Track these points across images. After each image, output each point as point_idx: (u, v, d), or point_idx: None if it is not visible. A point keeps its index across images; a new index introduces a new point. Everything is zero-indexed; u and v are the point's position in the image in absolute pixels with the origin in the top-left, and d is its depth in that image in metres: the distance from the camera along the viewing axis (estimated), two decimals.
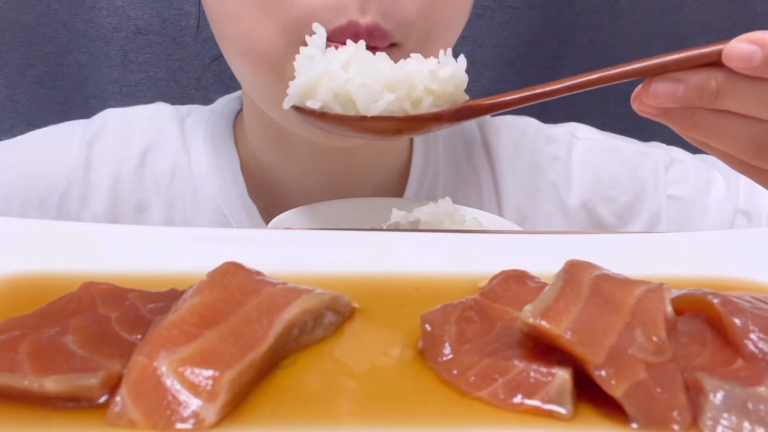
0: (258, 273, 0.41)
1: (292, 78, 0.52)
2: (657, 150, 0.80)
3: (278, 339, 0.36)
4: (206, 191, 0.75)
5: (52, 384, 0.32)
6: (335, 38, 0.58)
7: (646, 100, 0.48)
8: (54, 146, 0.76)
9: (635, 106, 0.50)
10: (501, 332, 0.37)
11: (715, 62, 0.46)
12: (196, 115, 0.80)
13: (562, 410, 0.33)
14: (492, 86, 1.07)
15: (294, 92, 0.52)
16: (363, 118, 0.49)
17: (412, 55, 0.51)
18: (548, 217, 0.79)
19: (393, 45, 0.60)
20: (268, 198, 0.77)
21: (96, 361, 0.34)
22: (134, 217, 0.76)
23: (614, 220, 0.78)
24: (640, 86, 0.49)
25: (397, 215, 0.62)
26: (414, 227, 0.60)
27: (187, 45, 1.04)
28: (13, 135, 0.79)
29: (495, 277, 0.43)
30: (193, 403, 0.32)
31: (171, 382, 0.32)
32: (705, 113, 0.48)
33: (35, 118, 1.06)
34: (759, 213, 0.76)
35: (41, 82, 1.06)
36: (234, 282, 0.39)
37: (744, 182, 0.77)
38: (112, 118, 0.78)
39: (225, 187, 0.76)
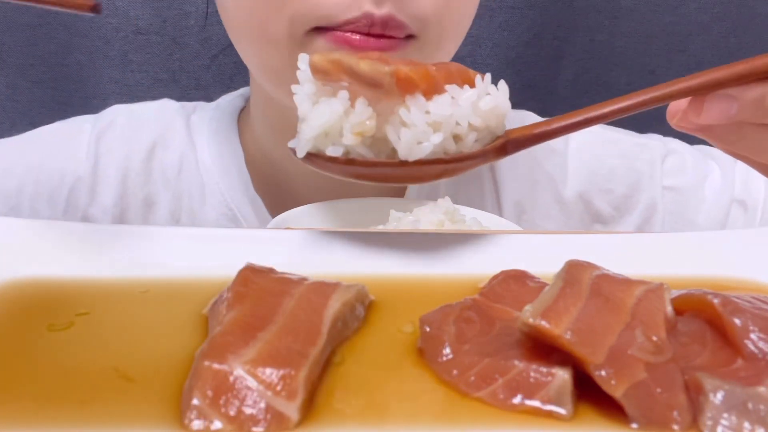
0: (272, 270, 0.41)
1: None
2: (654, 141, 0.81)
3: (330, 333, 0.36)
4: (212, 186, 0.76)
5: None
6: (349, 29, 0.58)
7: (695, 119, 0.46)
8: (63, 141, 0.77)
9: (674, 122, 0.48)
10: (501, 332, 0.37)
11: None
12: (200, 112, 0.81)
13: (562, 410, 0.33)
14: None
15: (308, 137, 0.45)
16: (404, 164, 0.44)
17: (446, 87, 0.44)
18: (546, 210, 0.79)
19: (410, 37, 0.61)
20: (274, 192, 0.78)
21: None
22: (142, 210, 0.76)
23: (611, 212, 0.79)
24: (683, 103, 0.46)
25: (397, 215, 0.62)
26: (414, 227, 0.60)
27: (187, 45, 1.04)
28: (14, 135, 0.79)
29: (495, 277, 0.43)
30: (276, 403, 0.32)
31: (249, 384, 0.32)
32: (751, 128, 0.46)
33: (35, 118, 1.06)
34: (755, 202, 0.77)
35: (41, 82, 1.06)
36: (258, 287, 0.39)
37: (740, 171, 0.78)
38: (119, 113, 0.79)
39: (230, 181, 0.77)
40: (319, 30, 0.60)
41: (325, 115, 0.44)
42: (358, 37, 0.59)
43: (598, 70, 1.07)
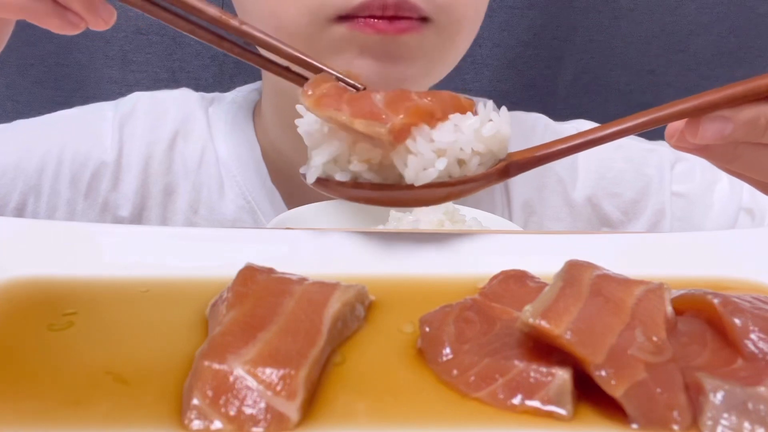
0: (272, 270, 0.41)
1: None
2: (663, 148, 0.81)
3: (330, 333, 0.36)
4: (230, 178, 0.77)
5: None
6: (363, 13, 0.59)
7: (692, 140, 0.47)
8: (85, 126, 0.77)
9: (672, 142, 0.49)
10: (501, 332, 0.37)
11: (764, 96, 0.45)
12: (217, 104, 0.81)
13: (562, 411, 0.33)
14: (492, 86, 1.07)
15: (317, 164, 0.47)
16: (410, 187, 0.46)
17: (450, 116, 0.47)
18: (555, 212, 0.80)
19: (424, 19, 0.62)
20: (289, 184, 0.78)
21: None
22: (162, 199, 0.77)
23: (619, 216, 0.79)
24: (680, 124, 0.48)
25: (397, 215, 0.62)
26: (414, 227, 0.60)
27: (187, 45, 1.04)
28: None
29: (495, 277, 0.43)
30: (276, 403, 0.32)
31: (249, 384, 0.32)
32: (746, 147, 0.48)
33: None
34: (762, 211, 0.77)
35: (41, 82, 1.06)
36: (258, 287, 0.39)
37: None
38: (140, 100, 0.80)
39: (248, 174, 0.77)
40: (340, 19, 0.61)
41: (334, 144, 0.46)
42: (374, 21, 0.60)
43: (598, 70, 1.07)
